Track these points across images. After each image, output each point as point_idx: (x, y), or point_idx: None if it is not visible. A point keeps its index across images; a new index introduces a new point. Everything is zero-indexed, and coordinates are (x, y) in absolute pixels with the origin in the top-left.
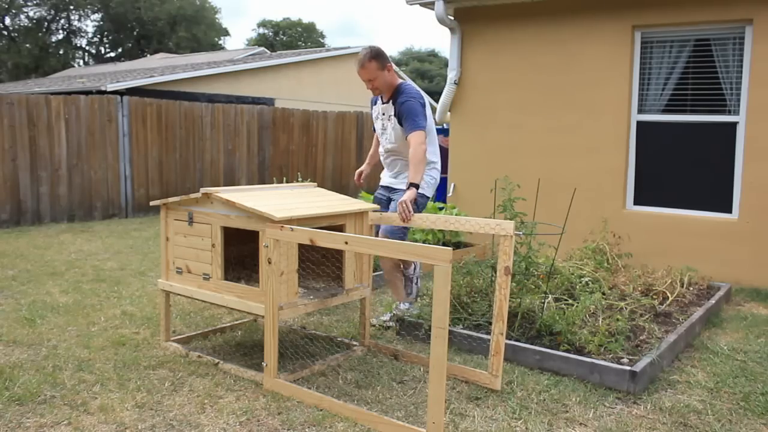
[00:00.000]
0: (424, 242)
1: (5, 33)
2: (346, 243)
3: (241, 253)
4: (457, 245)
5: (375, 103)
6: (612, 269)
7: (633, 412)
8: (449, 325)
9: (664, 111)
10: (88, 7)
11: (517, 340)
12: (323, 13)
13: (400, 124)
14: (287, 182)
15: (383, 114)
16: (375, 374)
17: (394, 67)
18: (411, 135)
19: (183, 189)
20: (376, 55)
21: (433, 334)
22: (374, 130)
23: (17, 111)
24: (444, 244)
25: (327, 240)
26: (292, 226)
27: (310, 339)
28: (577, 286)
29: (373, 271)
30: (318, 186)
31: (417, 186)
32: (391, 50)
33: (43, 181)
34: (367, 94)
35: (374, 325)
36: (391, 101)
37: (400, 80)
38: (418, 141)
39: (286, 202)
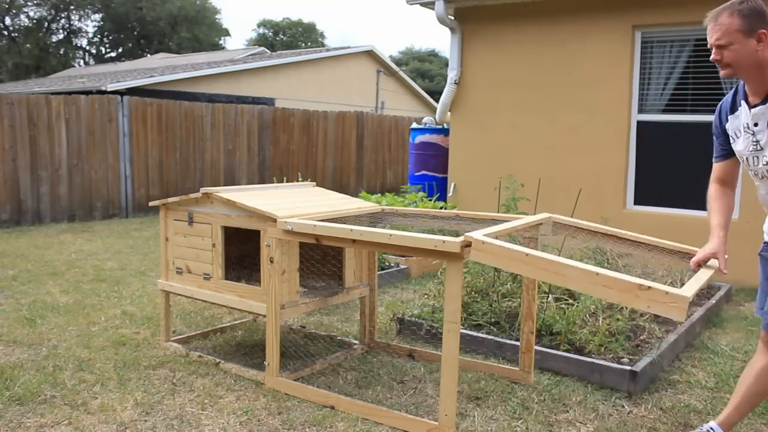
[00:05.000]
0: None
1: (6, 33)
2: (354, 241)
3: (240, 252)
4: None
5: (731, 110)
6: (612, 269)
7: (633, 412)
8: None
9: (665, 111)
10: (89, 7)
11: (517, 340)
12: (323, 13)
13: None
14: (287, 182)
15: (755, 125)
16: (375, 374)
17: None
18: None
19: (183, 189)
20: (744, 10)
21: (445, 329)
22: (717, 156)
23: (17, 111)
24: None
25: (332, 236)
26: (291, 226)
27: (311, 338)
28: None
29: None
30: (318, 186)
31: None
32: (391, 50)
33: (44, 181)
34: (366, 93)
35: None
36: None
37: None
38: None
39: (287, 202)
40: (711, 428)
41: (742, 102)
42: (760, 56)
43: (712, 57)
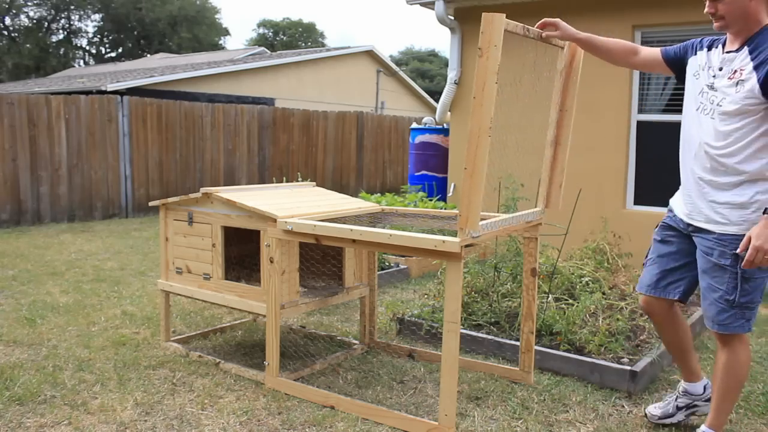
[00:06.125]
0: None
1: (5, 33)
2: (354, 241)
3: (240, 252)
4: None
5: (702, 47)
6: (612, 269)
7: (633, 412)
8: None
9: (664, 111)
10: (89, 7)
11: (517, 340)
12: (323, 13)
13: (764, 84)
14: (287, 182)
15: (719, 69)
16: (375, 374)
17: None
18: None
19: (183, 189)
20: None
21: (445, 329)
22: (664, 49)
23: (17, 111)
24: None
25: (332, 236)
26: (291, 226)
27: (311, 338)
28: (578, 286)
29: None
30: (318, 186)
31: None
32: (391, 50)
33: (43, 181)
34: (366, 93)
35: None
36: (746, 47)
37: None
38: None
39: (287, 202)
40: None
41: (720, 46)
42: (752, 9)
43: (706, 10)
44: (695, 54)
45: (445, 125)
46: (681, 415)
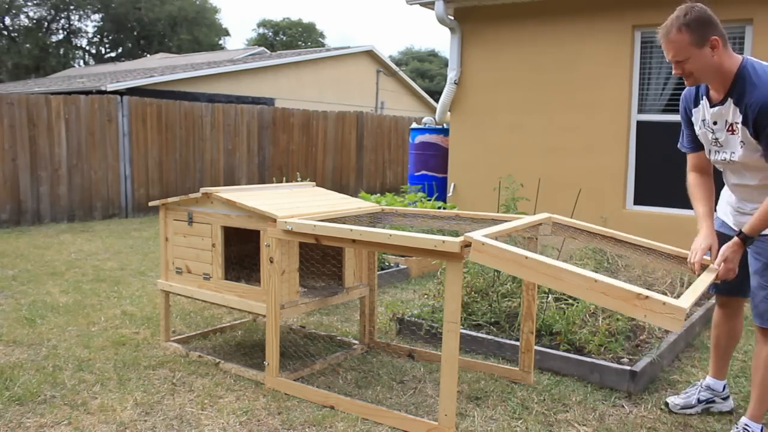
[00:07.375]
0: None
1: (5, 33)
2: (354, 241)
3: (240, 252)
4: None
5: (695, 103)
6: (612, 269)
7: (633, 412)
8: None
9: (664, 111)
10: (89, 7)
11: (517, 340)
12: (323, 13)
13: (756, 137)
14: (287, 182)
15: (713, 123)
16: (375, 374)
17: (724, 41)
18: None
19: (183, 189)
20: (690, 23)
21: (445, 329)
22: (687, 147)
23: (17, 111)
24: None
25: (332, 236)
26: (291, 226)
27: (311, 338)
28: None
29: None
30: (318, 186)
31: (748, 239)
32: (391, 50)
33: (43, 181)
34: (366, 93)
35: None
36: (729, 99)
37: (741, 58)
38: None
39: (287, 202)
40: (746, 425)
41: (704, 97)
42: (717, 61)
43: (674, 72)
44: (692, 115)
45: (445, 125)
46: (699, 408)
